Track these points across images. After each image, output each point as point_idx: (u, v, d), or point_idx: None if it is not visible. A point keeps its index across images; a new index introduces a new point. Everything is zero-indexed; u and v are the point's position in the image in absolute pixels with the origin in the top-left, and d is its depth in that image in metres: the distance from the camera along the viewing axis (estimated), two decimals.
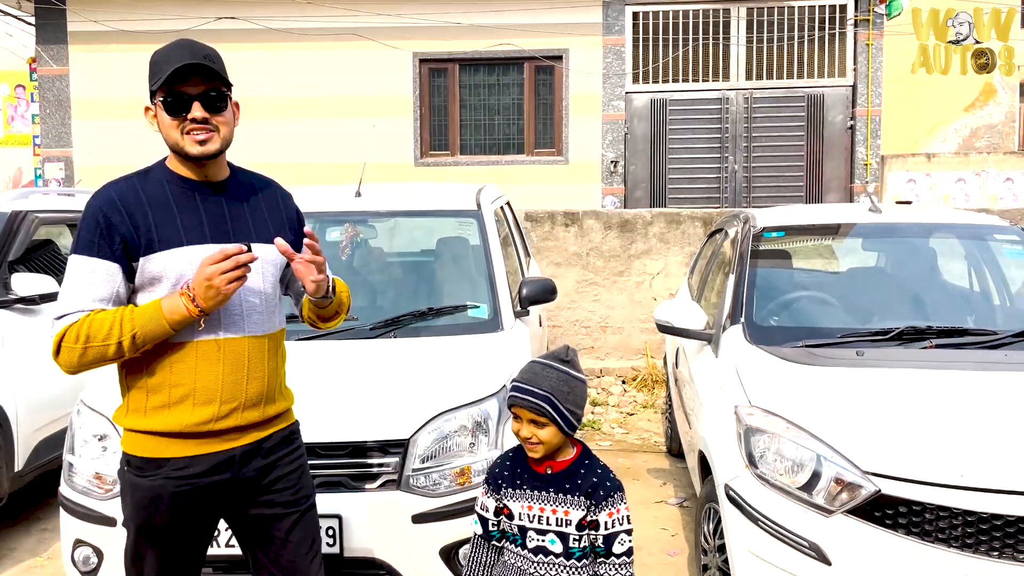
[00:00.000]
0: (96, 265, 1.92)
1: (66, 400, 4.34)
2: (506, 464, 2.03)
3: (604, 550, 1.91)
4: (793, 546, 2.59)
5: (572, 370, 1.96)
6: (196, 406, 1.94)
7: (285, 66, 11.08)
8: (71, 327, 1.90)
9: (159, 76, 1.94)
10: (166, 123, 1.96)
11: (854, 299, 3.80)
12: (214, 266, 1.86)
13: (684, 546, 3.97)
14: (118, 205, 1.94)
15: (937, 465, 2.48)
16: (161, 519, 1.98)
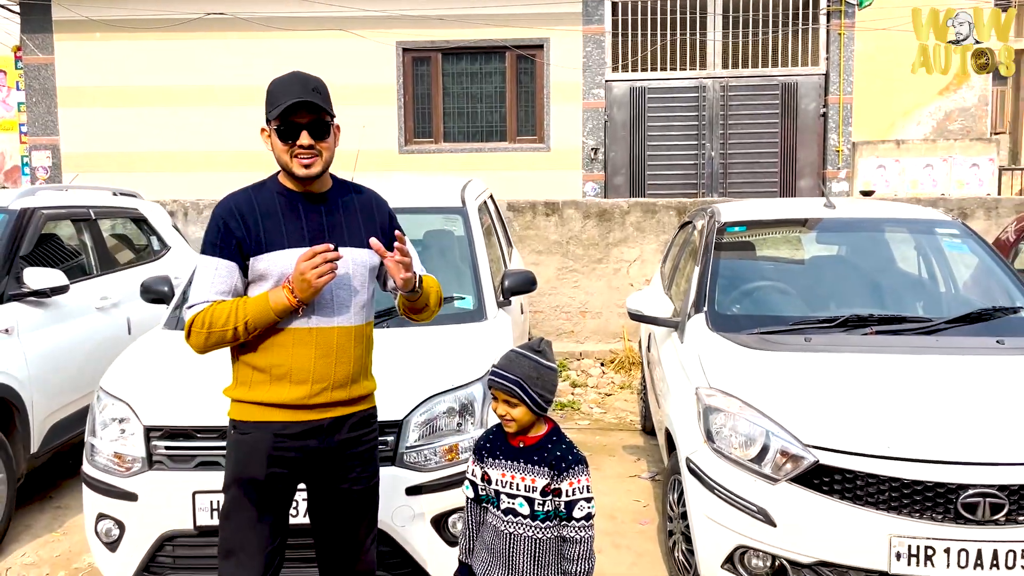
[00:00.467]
0: (218, 263, 2.27)
1: (75, 386, 4.63)
2: (489, 438, 2.37)
3: (566, 514, 2.23)
4: (744, 510, 2.93)
5: (543, 359, 2.29)
6: (293, 384, 2.27)
7: (271, 56, 11.25)
8: (198, 315, 2.25)
9: (274, 107, 2.26)
10: (278, 147, 2.29)
11: (807, 289, 4.14)
12: (306, 263, 2.18)
13: (654, 516, 4.32)
14: (235, 213, 2.28)
15: (867, 438, 2.83)
16: (256, 471, 2.29)
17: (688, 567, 3.36)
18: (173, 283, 4.14)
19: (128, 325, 5.18)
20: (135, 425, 3.21)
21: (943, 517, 2.71)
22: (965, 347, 3.36)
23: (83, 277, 4.98)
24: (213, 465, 3.11)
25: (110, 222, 5.64)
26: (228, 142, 11.42)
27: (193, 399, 3.23)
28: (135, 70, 11.46)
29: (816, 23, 11.29)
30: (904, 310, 3.81)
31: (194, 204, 8.06)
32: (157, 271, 5.29)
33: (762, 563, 2.94)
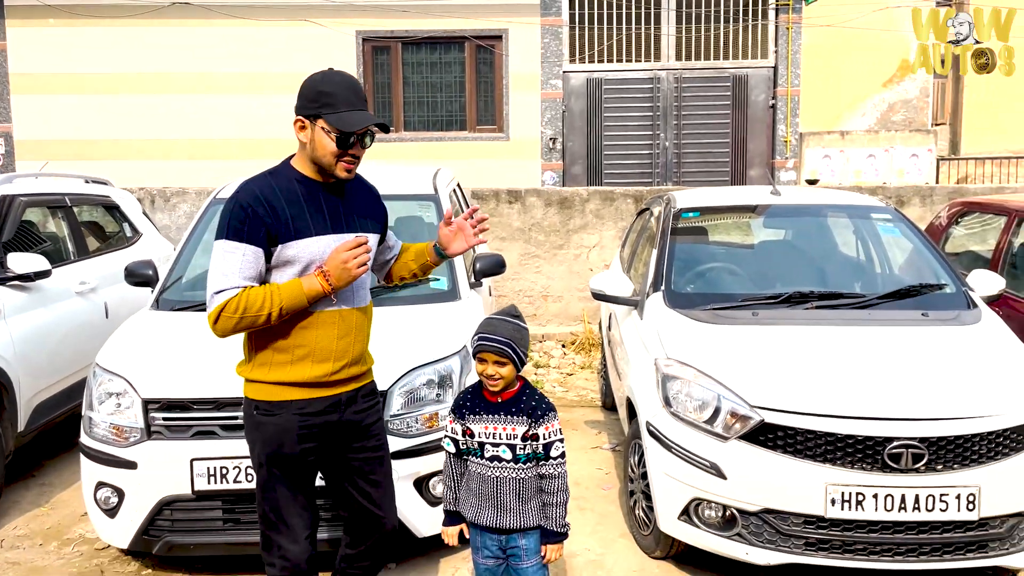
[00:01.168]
0: (245, 249, 2.32)
1: (58, 368, 4.78)
2: (467, 397, 2.67)
3: (544, 455, 2.57)
4: (698, 466, 3.26)
5: (520, 322, 2.62)
6: (315, 363, 2.41)
7: (229, 43, 11.30)
8: (230, 300, 2.30)
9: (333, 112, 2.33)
10: (328, 149, 2.36)
11: (755, 269, 4.49)
12: (349, 252, 2.34)
13: (615, 482, 4.64)
14: (261, 200, 2.35)
15: (807, 399, 3.18)
16: (290, 449, 2.43)
17: (648, 522, 3.69)
18: (157, 267, 4.31)
19: (105, 309, 5.32)
20: (132, 398, 3.41)
21: (871, 466, 3.07)
22: (894, 319, 3.73)
23: (62, 262, 5.10)
24: (209, 434, 3.34)
25: (84, 209, 5.76)
26: (185, 130, 11.44)
27: (188, 373, 3.45)
28: (89, 57, 11.39)
29: (765, 18, 11.72)
30: (841, 287, 4.18)
31: (161, 192, 8.14)
32: (131, 257, 5.42)
33: (714, 513, 3.28)
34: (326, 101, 2.36)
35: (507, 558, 2.64)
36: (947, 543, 3.12)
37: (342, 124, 2.34)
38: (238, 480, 3.31)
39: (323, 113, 2.36)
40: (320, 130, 2.37)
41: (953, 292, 4.04)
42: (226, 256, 2.34)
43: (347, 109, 2.36)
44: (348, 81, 2.41)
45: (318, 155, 2.40)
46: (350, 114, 2.36)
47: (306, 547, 2.51)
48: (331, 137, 2.36)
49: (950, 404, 3.16)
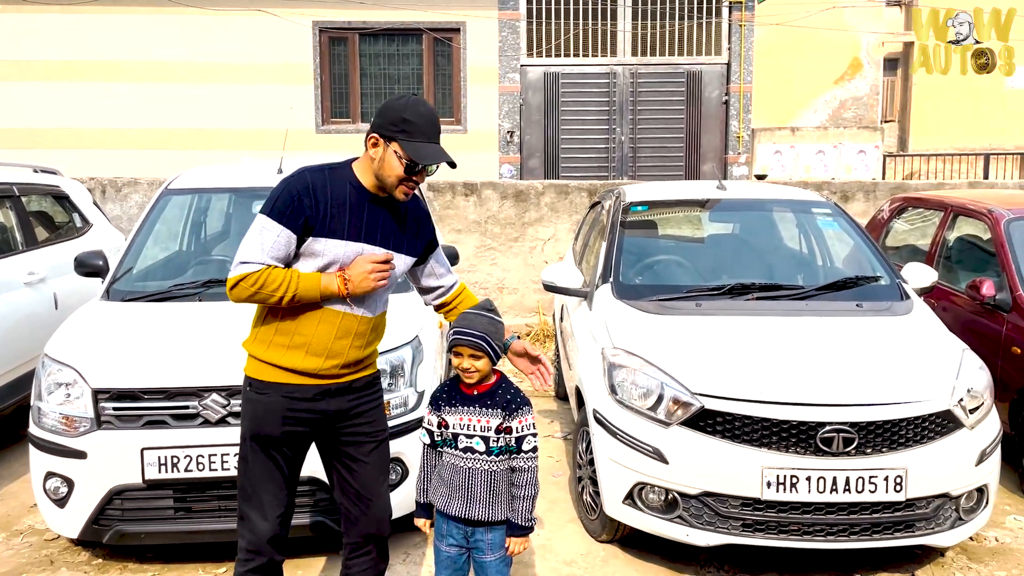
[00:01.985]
0: (281, 231, 2.41)
1: (5, 359, 4.73)
2: (444, 390, 2.71)
3: (516, 448, 2.61)
4: (642, 451, 3.38)
5: (495, 316, 2.68)
6: (308, 355, 2.48)
7: (183, 32, 11.15)
8: (251, 274, 2.40)
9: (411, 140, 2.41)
10: (395, 171, 2.45)
11: (700, 262, 4.63)
12: (374, 264, 2.44)
13: (566, 470, 4.74)
14: (311, 191, 2.43)
15: (744, 386, 3.31)
16: (272, 429, 2.50)
17: (595, 507, 3.80)
18: (107, 257, 4.30)
19: (55, 300, 5.27)
20: (82, 388, 3.41)
21: (805, 450, 3.21)
22: (830, 310, 3.89)
23: (9, 252, 5.04)
24: (160, 424, 3.36)
25: (32, 199, 5.68)
26: (137, 119, 11.27)
27: (139, 363, 3.45)
28: (39, 44, 11.16)
29: (719, 16, 11.91)
30: (782, 279, 4.33)
31: (112, 182, 8.03)
32: (81, 248, 5.37)
33: (657, 497, 3.40)
34: (406, 128, 2.44)
35: (470, 549, 2.68)
36: (876, 523, 3.27)
37: (416, 155, 2.43)
38: (189, 469, 3.33)
39: (400, 139, 2.43)
40: (392, 153, 2.44)
41: (887, 284, 4.22)
42: (263, 232, 2.43)
43: (423, 141, 2.45)
44: (431, 115, 2.49)
45: (383, 174, 2.47)
46: (427, 147, 2.45)
47: (273, 525, 2.56)
48: (401, 162, 2.44)
49: (879, 391, 3.32)
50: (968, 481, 3.35)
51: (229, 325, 3.59)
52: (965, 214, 5.41)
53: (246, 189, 4.76)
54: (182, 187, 4.68)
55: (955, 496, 3.34)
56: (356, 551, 2.73)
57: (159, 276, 4.36)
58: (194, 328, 3.69)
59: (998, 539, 3.87)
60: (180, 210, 4.91)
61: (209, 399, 3.34)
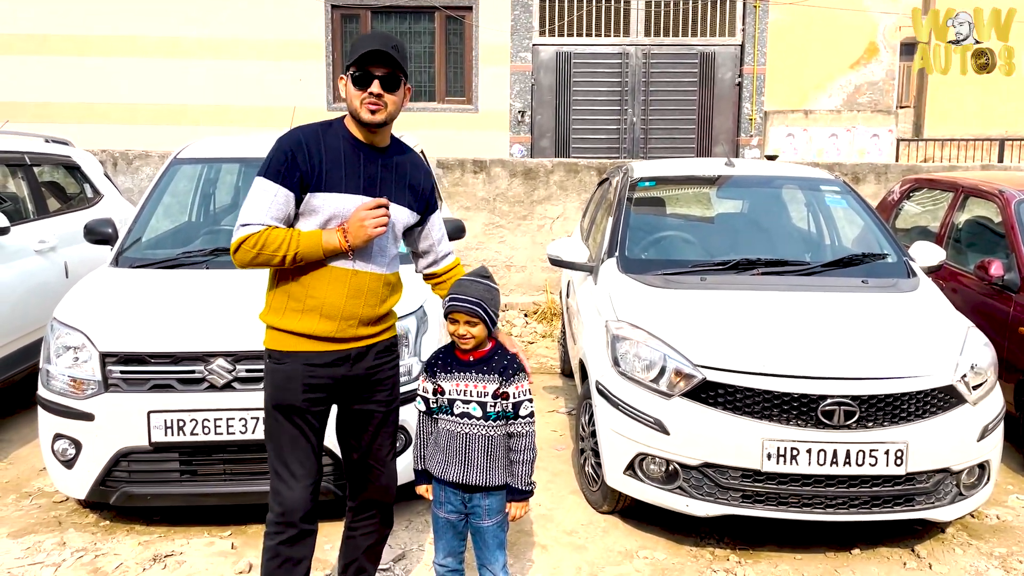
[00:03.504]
0: (278, 190, 2.39)
1: (16, 326, 4.79)
2: (439, 356, 2.71)
3: (513, 413, 2.62)
4: (643, 422, 3.39)
5: (491, 283, 2.67)
6: (322, 318, 2.45)
7: (198, 7, 11.15)
8: (252, 235, 2.38)
9: (353, 55, 2.41)
10: (351, 92, 2.42)
11: (705, 237, 4.62)
12: (367, 212, 2.39)
13: (569, 444, 4.77)
14: (303, 147, 2.41)
15: (746, 358, 3.31)
16: (293, 398, 2.47)
17: (596, 478, 3.82)
18: (116, 226, 4.33)
19: (65, 268, 5.32)
20: (90, 351, 3.45)
21: (806, 423, 3.21)
22: (835, 286, 3.88)
23: (21, 221, 5.08)
24: (167, 387, 3.39)
25: (44, 168, 5.72)
26: (149, 94, 11.31)
27: (146, 327, 3.49)
28: (53, 18, 11.20)
29: None
30: (787, 255, 4.31)
31: (123, 154, 8.07)
32: (91, 218, 5.40)
33: (658, 467, 3.42)
34: (352, 50, 2.43)
35: (467, 515, 2.70)
36: (876, 496, 3.28)
37: (352, 57, 2.40)
38: (195, 433, 3.37)
39: (347, 61, 2.45)
40: (347, 78, 2.44)
41: (894, 262, 4.20)
42: (260, 194, 2.42)
43: (365, 47, 2.41)
44: (381, 33, 2.48)
45: (350, 106, 2.45)
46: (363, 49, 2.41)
47: (303, 495, 2.53)
48: (350, 78, 2.42)
49: (881, 364, 3.31)
50: (969, 457, 3.35)
51: (236, 292, 3.63)
52: (976, 195, 5.37)
53: (255, 159, 4.75)
54: (191, 156, 4.71)
55: (956, 471, 3.35)
56: (360, 515, 2.75)
57: (168, 244, 4.39)
58: (201, 294, 3.73)
59: (999, 517, 3.87)
60: (189, 180, 4.93)
61: (215, 364, 3.37)
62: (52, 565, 3.36)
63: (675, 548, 3.55)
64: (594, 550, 3.55)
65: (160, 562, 3.38)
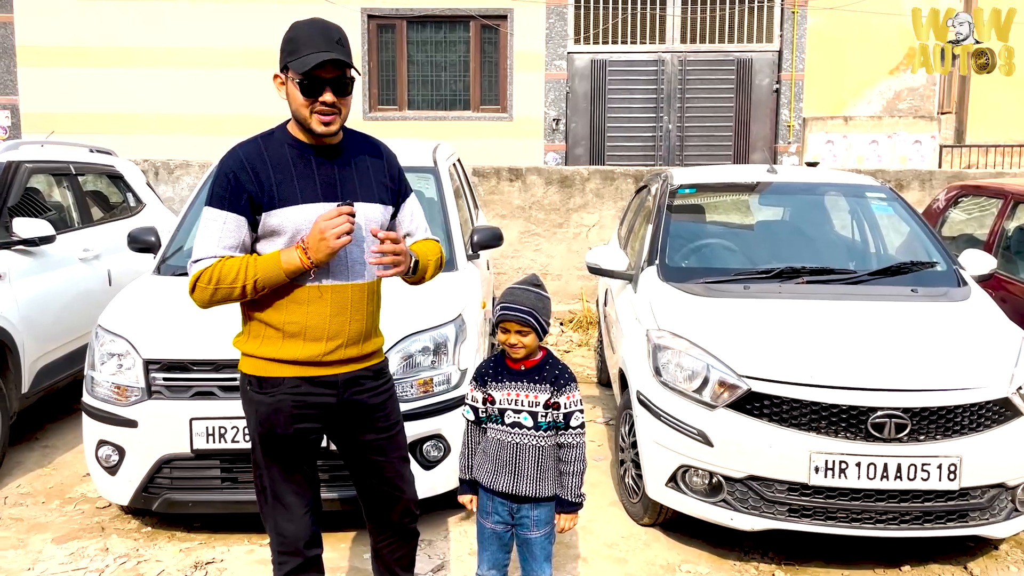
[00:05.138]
0: (226, 217, 2.19)
1: (61, 332, 4.86)
2: (489, 365, 2.68)
3: (564, 424, 2.59)
4: (686, 434, 3.33)
5: (542, 291, 2.64)
6: (307, 342, 2.25)
7: (234, 18, 11.31)
8: (205, 271, 2.19)
9: (295, 58, 2.16)
10: (298, 100, 2.20)
11: (748, 245, 4.54)
12: (327, 222, 2.14)
13: (608, 454, 4.72)
14: (245, 166, 2.20)
15: (793, 369, 3.24)
16: (282, 429, 2.29)
17: (637, 490, 3.76)
18: (159, 234, 4.38)
19: (108, 277, 5.39)
20: (134, 358, 3.48)
21: (855, 435, 3.13)
22: (883, 295, 3.79)
23: (66, 229, 5.17)
24: (208, 395, 3.41)
25: (88, 178, 5.81)
26: (190, 104, 11.47)
27: (188, 335, 3.51)
28: (97, 30, 11.43)
29: (771, 1, 11.69)
30: (833, 263, 4.22)
31: (164, 164, 8.19)
32: (134, 227, 5.47)
33: (700, 480, 3.35)
34: (291, 48, 2.21)
35: (515, 526, 2.67)
36: (928, 512, 3.18)
37: (303, 66, 2.15)
38: (236, 440, 3.38)
39: (290, 62, 2.20)
40: (290, 81, 2.22)
41: (944, 270, 4.10)
42: (208, 224, 2.23)
43: (311, 52, 2.17)
44: (317, 24, 2.23)
45: (293, 110, 2.25)
46: (313, 55, 2.16)
47: (305, 525, 2.40)
48: (296, 85, 2.19)
49: (934, 376, 3.22)
50: None
51: None
52: None
53: None
54: None
55: (1011, 487, 3.24)
56: (383, 534, 2.61)
57: None
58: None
59: None
60: None
61: None
62: (96, 571, 3.39)
63: (718, 562, 3.48)
64: (635, 563, 3.49)
65: (201, 569, 3.39)
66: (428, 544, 3.61)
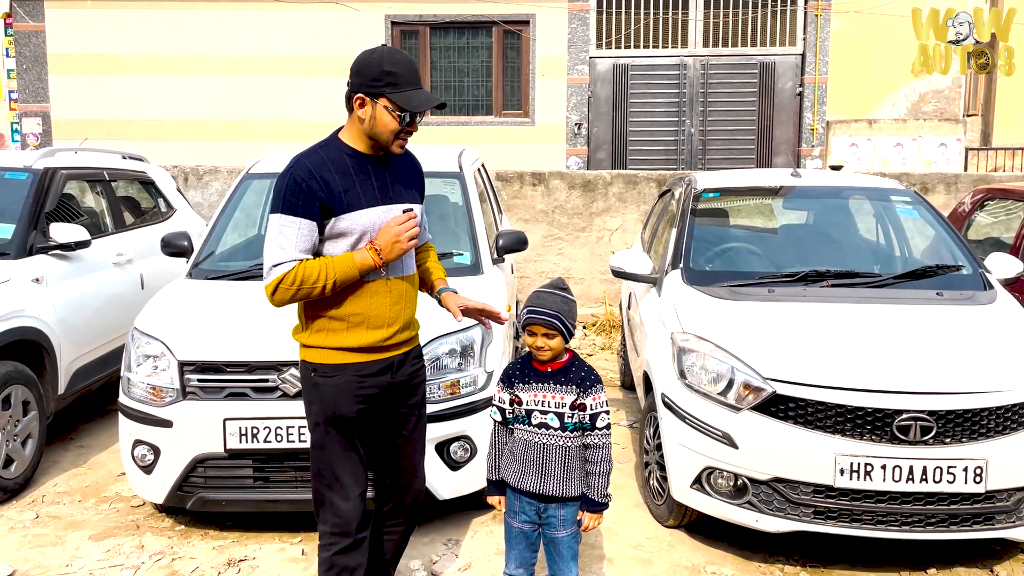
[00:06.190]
0: (300, 223, 2.41)
1: (96, 335, 4.97)
2: (516, 367, 2.74)
3: (590, 425, 2.64)
4: (711, 436, 3.36)
5: (568, 294, 2.70)
6: (370, 330, 2.51)
7: (262, 26, 11.46)
8: (287, 273, 2.40)
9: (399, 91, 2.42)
10: (389, 126, 2.46)
11: (772, 248, 4.56)
12: (401, 226, 2.45)
13: (632, 457, 4.74)
14: (315, 175, 2.42)
15: (818, 371, 3.26)
16: (347, 410, 2.52)
17: (661, 492, 3.79)
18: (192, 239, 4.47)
19: (141, 281, 5.50)
20: (169, 360, 3.57)
21: (880, 438, 3.14)
22: (908, 298, 3.79)
23: (100, 234, 5.28)
24: (241, 396, 3.49)
25: (120, 183, 5.94)
26: (217, 111, 11.64)
27: (222, 337, 3.60)
28: (126, 38, 11.62)
29: (794, 4, 11.66)
30: (858, 266, 4.23)
31: (194, 170, 8.33)
32: (165, 232, 5.58)
33: (725, 482, 3.38)
34: (390, 80, 2.43)
35: (542, 525, 2.72)
36: (954, 515, 3.19)
37: (408, 104, 2.42)
38: (268, 440, 3.46)
39: (387, 92, 2.43)
40: (382, 108, 2.44)
41: (969, 273, 4.09)
42: (283, 230, 2.42)
43: (410, 89, 2.44)
44: (409, 61, 2.50)
45: (377, 131, 2.47)
46: (415, 94, 2.44)
47: (358, 504, 2.57)
48: (394, 116, 2.44)
49: (960, 379, 3.23)
50: None
51: None
52: None
53: None
54: (262, 171, 4.84)
55: None
56: (390, 521, 2.81)
57: (240, 256, 4.52)
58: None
59: None
60: (259, 194, 5.07)
61: (287, 373, 3.45)
62: (132, 567, 3.48)
63: (743, 564, 3.51)
64: (660, 564, 3.52)
65: (234, 566, 3.47)
66: (455, 544, 3.67)
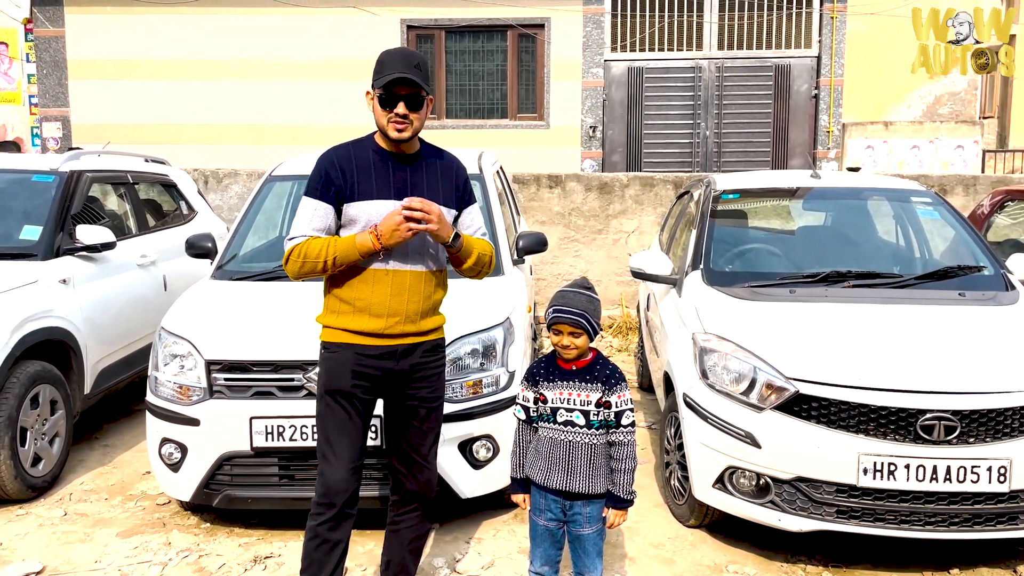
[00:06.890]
0: (317, 205, 2.68)
1: (121, 335, 5.03)
2: (541, 365, 2.77)
3: (615, 422, 2.66)
4: (733, 435, 3.37)
5: (592, 293, 2.74)
6: (371, 317, 2.68)
7: (280, 30, 11.56)
8: (297, 246, 2.66)
9: (379, 77, 2.63)
10: (378, 111, 2.67)
11: (793, 249, 4.57)
12: (402, 215, 2.58)
13: (651, 457, 4.76)
14: (336, 164, 2.69)
15: (841, 371, 3.27)
16: (344, 384, 2.70)
17: (683, 492, 3.81)
18: (216, 241, 4.52)
19: (164, 282, 5.57)
20: (196, 359, 3.61)
21: (904, 437, 3.15)
22: (930, 298, 3.80)
23: (124, 236, 5.35)
24: (267, 395, 3.53)
25: (143, 186, 6.01)
26: (235, 115, 11.74)
27: (248, 336, 3.64)
28: (145, 43, 11.74)
29: (809, 6, 11.65)
30: (879, 267, 4.23)
31: (214, 173, 8.41)
32: (187, 234, 5.64)
33: (748, 481, 3.39)
34: (378, 69, 2.66)
35: (567, 522, 2.74)
36: (977, 514, 3.19)
37: (381, 82, 2.61)
38: (294, 439, 3.50)
39: (375, 82, 2.66)
40: (376, 96, 2.67)
41: (991, 274, 4.09)
42: (303, 210, 2.71)
43: (391, 72, 2.61)
44: (402, 51, 2.69)
45: (377, 122, 2.69)
46: (390, 75, 2.60)
47: (346, 475, 2.70)
48: (377, 99, 2.65)
49: (983, 378, 3.23)
50: None
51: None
52: None
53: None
54: (284, 174, 4.89)
55: None
56: (403, 509, 2.93)
57: (263, 257, 4.57)
58: (298, 305, 3.85)
59: None
60: (280, 197, 5.12)
61: (313, 372, 3.49)
62: (159, 564, 3.52)
63: (765, 564, 3.51)
64: (683, 564, 3.54)
65: (260, 563, 3.51)
66: (478, 542, 3.69)
